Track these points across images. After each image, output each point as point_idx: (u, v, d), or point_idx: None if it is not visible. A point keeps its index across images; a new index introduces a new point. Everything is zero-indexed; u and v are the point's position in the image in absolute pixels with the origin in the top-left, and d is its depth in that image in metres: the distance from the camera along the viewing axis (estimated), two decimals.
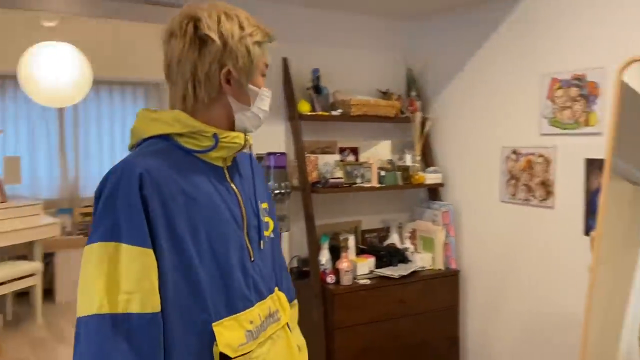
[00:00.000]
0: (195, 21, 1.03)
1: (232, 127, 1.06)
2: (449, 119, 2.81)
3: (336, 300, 2.39)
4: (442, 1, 2.62)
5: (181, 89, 1.05)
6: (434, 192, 2.86)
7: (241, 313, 1.03)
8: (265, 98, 1.09)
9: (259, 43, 1.06)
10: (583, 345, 1.85)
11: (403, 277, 2.53)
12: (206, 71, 1.03)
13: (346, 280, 2.45)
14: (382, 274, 2.54)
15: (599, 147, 2.11)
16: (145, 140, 1.04)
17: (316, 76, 2.63)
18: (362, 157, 2.82)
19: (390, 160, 2.79)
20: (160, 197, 0.95)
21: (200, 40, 1.02)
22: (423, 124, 2.81)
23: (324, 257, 2.49)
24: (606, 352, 1.86)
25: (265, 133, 1.20)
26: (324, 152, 2.73)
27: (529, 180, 2.42)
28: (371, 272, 2.58)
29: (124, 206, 0.93)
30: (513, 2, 2.45)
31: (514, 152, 2.48)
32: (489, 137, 2.61)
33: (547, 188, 2.35)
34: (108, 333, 0.90)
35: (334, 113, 2.61)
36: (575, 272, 2.20)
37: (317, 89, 2.63)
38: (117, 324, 0.91)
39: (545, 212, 2.36)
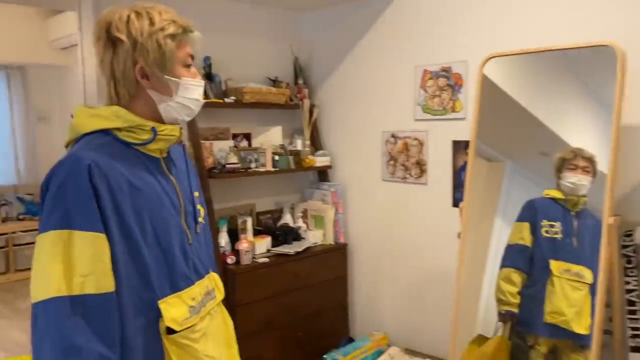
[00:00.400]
0: (107, 25, 1.11)
1: (160, 119, 1.15)
2: (335, 106, 3.04)
3: (237, 280, 2.52)
4: None
5: (107, 89, 1.15)
6: (323, 174, 3.09)
7: (184, 291, 1.14)
8: (190, 87, 1.16)
9: (172, 36, 1.12)
10: (456, 300, 2.19)
11: (298, 253, 2.73)
12: (122, 70, 1.11)
13: (246, 259, 2.59)
14: (279, 252, 2.71)
15: (463, 130, 2.46)
16: (85, 135, 1.10)
17: (208, 64, 2.70)
18: (255, 143, 2.95)
19: (282, 145, 2.96)
20: (108, 186, 1.03)
21: (113, 42, 1.11)
22: (311, 110, 3.01)
23: (223, 239, 2.60)
24: (472, 305, 2.21)
25: None
26: (217, 139, 2.81)
27: (405, 160, 2.73)
28: (268, 250, 2.74)
29: (75, 195, 1.00)
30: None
31: (393, 135, 2.77)
32: (370, 123, 2.88)
33: (421, 167, 2.67)
34: (67, 314, 0.98)
35: (227, 100, 2.70)
36: (446, 237, 2.55)
37: (210, 76, 2.70)
38: (75, 305, 0.98)
39: (420, 188, 2.69)
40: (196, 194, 1.27)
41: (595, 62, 1.96)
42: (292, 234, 2.87)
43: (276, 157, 2.81)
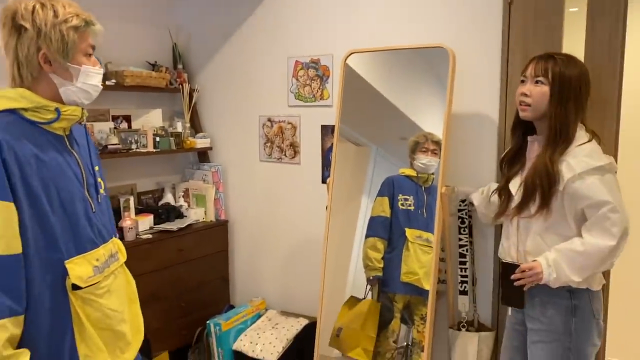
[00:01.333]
0: (13, 13, 1.24)
1: (61, 101, 1.30)
2: (214, 91, 3.22)
3: None
4: None
5: (9, 70, 1.28)
6: (202, 155, 3.27)
7: (88, 252, 1.31)
8: (91, 74, 1.32)
9: (75, 28, 1.27)
10: (323, 264, 2.51)
11: (181, 229, 2.90)
12: (25, 54, 1.24)
13: (130, 236, 2.71)
14: (162, 229, 2.86)
15: (331, 116, 2.79)
16: None
17: None
18: (135, 125, 3.04)
19: (162, 127, 3.08)
20: (17, 161, 1.17)
21: (17, 29, 1.24)
22: (191, 94, 3.16)
23: None
24: (343, 271, 2.55)
25: None
26: (97, 120, 2.87)
27: (281, 142, 3.01)
28: (151, 228, 2.87)
29: None
30: None
31: (269, 120, 3.04)
32: (248, 107, 3.11)
33: (295, 148, 2.97)
34: None
35: (108, 83, 2.77)
36: (316, 211, 2.87)
37: None
38: None
39: (294, 167, 2.99)
40: (96, 168, 1.43)
41: (438, 59, 2.33)
42: (174, 212, 3.02)
43: (157, 139, 2.94)
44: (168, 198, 3.14)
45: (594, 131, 1.81)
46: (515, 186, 1.86)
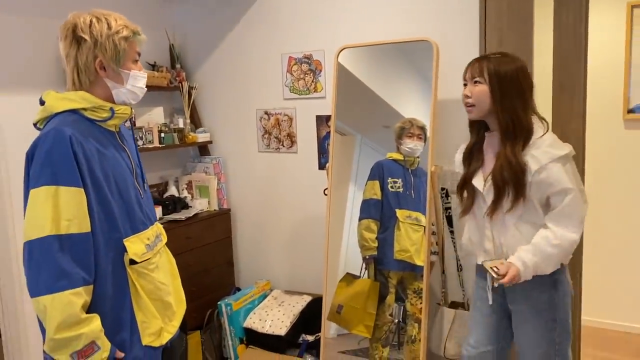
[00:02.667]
0: (74, 26, 1.45)
1: (113, 101, 1.51)
2: (212, 88, 3.41)
3: None
4: None
5: (70, 76, 1.47)
6: (203, 149, 3.46)
7: (141, 232, 1.52)
8: (138, 77, 1.51)
9: (125, 38, 1.46)
10: (326, 244, 2.73)
11: (188, 218, 3.10)
12: (84, 62, 1.44)
13: None
14: (171, 219, 3.05)
15: (324, 106, 3.01)
16: (56, 114, 1.41)
17: None
18: (139, 123, 3.21)
19: (165, 123, 3.26)
20: (84, 153, 1.37)
21: (77, 41, 1.44)
22: (189, 91, 3.35)
23: None
24: (336, 250, 2.77)
25: None
26: None
27: (278, 133, 3.22)
28: (161, 218, 3.06)
29: (61, 159, 1.33)
30: None
31: (266, 112, 3.24)
32: (245, 102, 3.30)
33: (291, 138, 3.18)
34: (57, 248, 1.31)
35: None
36: (314, 195, 3.08)
37: None
38: (63, 241, 1.32)
39: (291, 156, 3.20)
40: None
41: (422, 52, 2.52)
42: (180, 203, 3.21)
43: (162, 135, 3.12)
44: (172, 190, 3.33)
45: (543, 118, 1.88)
46: (479, 182, 1.90)
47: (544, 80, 2.62)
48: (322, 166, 3.08)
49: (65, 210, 1.33)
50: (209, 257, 3.26)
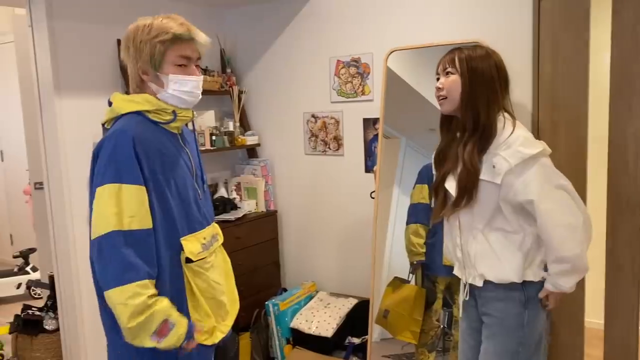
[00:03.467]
0: (126, 35, 1.51)
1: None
2: (261, 92, 3.47)
3: None
4: None
5: (129, 81, 1.55)
6: (251, 151, 3.52)
7: (197, 232, 1.57)
8: (183, 82, 1.48)
9: (162, 42, 1.45)
10: (373, 247, 2.74)
11: (238, 219, 3.16)
12: (132, 68, 1.51)
13: None
14: (222, 219, 3.12)
15: (371, 109, 3.02)
16: (122, 115, 1.48)
17: None
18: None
19: (216, 126, 3.34)
20: (145, 153, 1.43)
21: (127, 49, 1.51)
22: (239, 95, 3.42)
23: None
24: (381, 253, 2.77)
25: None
26: None
27: (325, 136, 3.25)
28: None
29: (124, 159, 1.39)
30: None
31: (313, 116, 3.27)
32: (293, 105, 3.35)
33: (338, 141, 3.20)
34: (122, 243, 1.37)
35: None
36: (360, 198, 3.10)
37: None
38: (127, 237, 1.38)
39: (337, 159, 3.22)
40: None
41: None
42: (229, 204, 3.28)
43: (213, 138, 3.20)
44: (221, 192, 3.41)
45: (511, 113, 1.73)
46: (451, 185, 1.75)
47: (599, 80, 2.55)
48: (368, 169, 3.08)
49: (127, 207, 1.38)
50: (256, 258, 3.32)
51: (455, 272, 1.89)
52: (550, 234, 1.63)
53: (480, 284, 1.75)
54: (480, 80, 1.69)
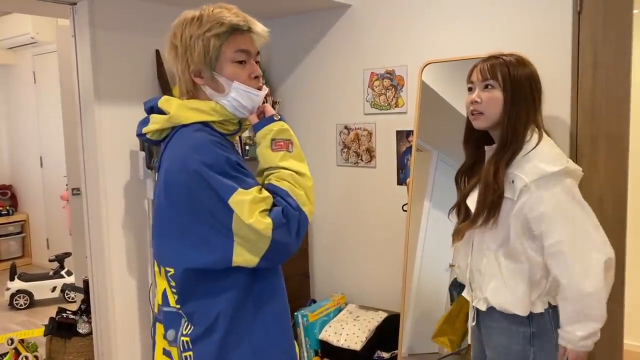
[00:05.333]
0: (172, 34, 1.31)
1: None
2: (294, 103, 3.50)
3: None
4: (283, 6, 3.25)
5: (178, 84, 1.34)
6: None
7: None
8: (247, 95, 1.28)
9: (217, 35, 1.23)
10: (404, 261, 2.72)
11: None
12: (181, 70, 1.29)
13: None
14: None
15: (405, 122, 3.00)
16: (183, 126, 1.27)
17: None
18: None
19: (249, 136, 3.37)
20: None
21: (173, 48, 1.30)
22: (273, 106, 3.45)
23: None
24: (411, 266, 2.74)
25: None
26: None
27: (357, 148, 3.24)
28: None
29: (230, 165, 1.23)
30: (340, 11, 3.20)
31: (346, 127, 3.28)
32: (326, 116, 3.36)
33: (370, 153, 3.19)
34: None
35: None
36: (393, 211, 3.08)
37: None
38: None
39: (370, 170, 3.21)
40: None
41: None
42: None
43: (247, 147, 3.23)
44: None
45: (540, 126, 1.65)
46: (473, 202, 1.65)
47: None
48: (401, 182, 3.06)
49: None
50: (286, 268, 3.26)
51: (465, 294, 1.80)
52: (559, 268, 1.50)
53: (483, 308, 1.66)
54: (522, 97, 1.59)
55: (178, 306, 1.34)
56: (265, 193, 1.26)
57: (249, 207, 1.20)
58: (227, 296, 1.30)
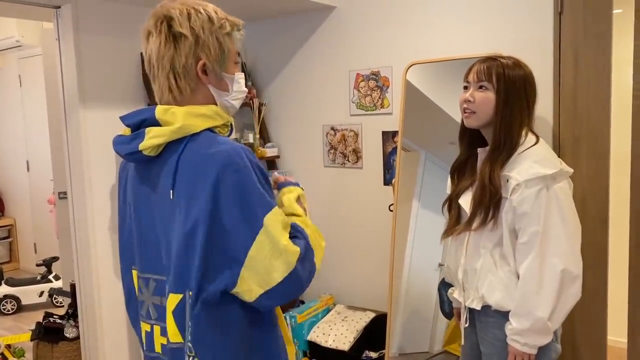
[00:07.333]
0: (169, 20, 1.16)
1: None
2: (280, 104, 3.50)
3: None
4: (268, 8, 3.26)
5: (165, 83, 1.18)
6: (271, 163, 3.54)
7: None
8: (240, 81, 1.25)
9: (228, 34, 1.19)
10: (391, 260, 2.73)
11: None
12: (183, 64, 1.15)
13: None
14: None
15: (390, 122, 3.02)
16: (192, 135, 1.15)
17: None
18: None
19: (236, 138, 3.38)
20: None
21: (175, 37, 1.15)
22: (259, 108, 3.45)
23: None
24: (399, 267, 2.76)
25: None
26: None
27: (344, 149, 3.25)
28: None
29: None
30: (325, 13, 3.21)
31: (332, 128, 3.29)
32: (312, 118, 3.37)
33: (357, 154, 3.21)
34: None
35: None
36: (379, 211, 3.08)
37: None
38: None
39: (356, 171, 3.22)
40: None
41: None
42: None
43: None
44: None
45: (532, 129, 1.70)
46: (466, 202, 1.69)
47: (622, 96, 2.52)
48: (387, 182, 3.08)
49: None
50: None
51: (456, 296, 1.81)
52: (520, 264, 1.56)
53: (478, 307, 1.67)
54: (516, 99, 1.61)
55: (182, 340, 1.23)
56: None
57: (282, 228, 1.18)
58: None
